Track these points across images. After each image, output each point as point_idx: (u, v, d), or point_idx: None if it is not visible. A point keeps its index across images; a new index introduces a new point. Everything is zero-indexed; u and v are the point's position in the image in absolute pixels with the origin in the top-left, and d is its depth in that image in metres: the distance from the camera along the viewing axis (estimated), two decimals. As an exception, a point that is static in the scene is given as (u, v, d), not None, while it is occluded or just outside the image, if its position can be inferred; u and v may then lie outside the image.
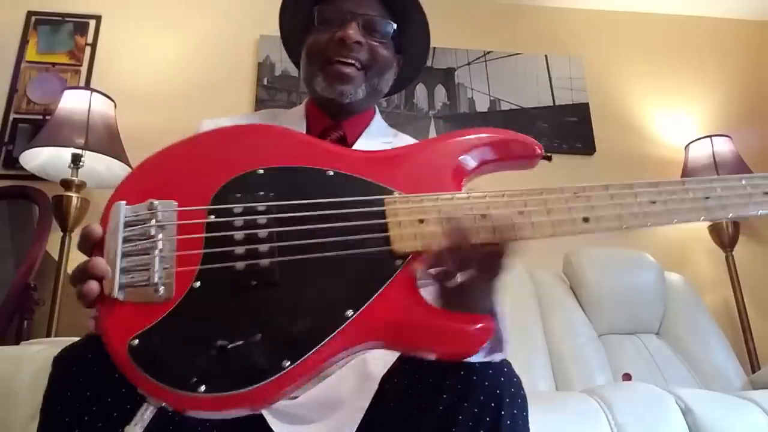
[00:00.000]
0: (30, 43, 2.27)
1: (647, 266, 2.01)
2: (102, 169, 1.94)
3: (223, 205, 0.60)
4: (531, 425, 0.67)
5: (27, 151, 1.85)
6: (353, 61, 0.89)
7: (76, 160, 1.83)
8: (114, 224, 0.57)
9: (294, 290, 0.57)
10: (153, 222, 0.57)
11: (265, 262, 0.57)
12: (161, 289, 0.54)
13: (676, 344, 1.91)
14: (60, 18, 2.32)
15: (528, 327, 1.84)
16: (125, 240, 0.56)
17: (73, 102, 1.88)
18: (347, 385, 0.79)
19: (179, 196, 0.60)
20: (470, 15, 2.64)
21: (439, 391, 0.64)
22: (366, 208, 0.61)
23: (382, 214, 0.61)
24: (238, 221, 0.59)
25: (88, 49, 2.29)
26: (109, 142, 1.88)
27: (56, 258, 1.86)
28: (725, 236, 2.25)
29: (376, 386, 0.76)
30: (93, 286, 0.55)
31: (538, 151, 0.69)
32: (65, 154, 1.84)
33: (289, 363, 0.52)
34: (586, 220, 0.63)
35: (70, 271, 1.79)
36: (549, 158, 0.69)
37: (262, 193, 0.61)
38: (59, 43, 2.28)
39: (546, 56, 2.61)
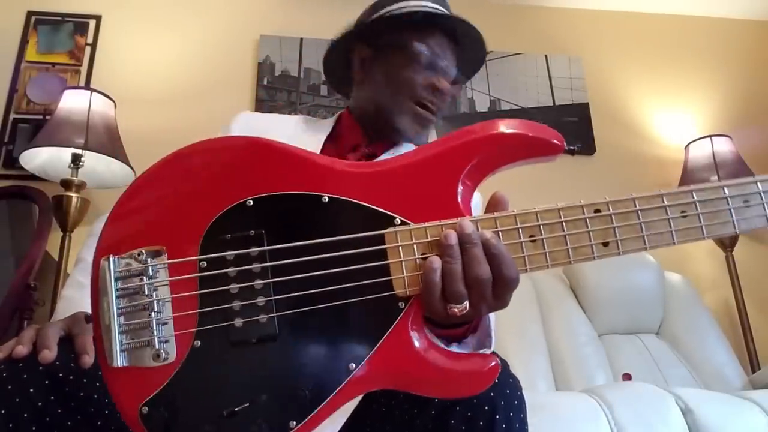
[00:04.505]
0: (30, 43, 2.27)
1: (647, 266, 2.01)
2: (102, 169, 1.93)
3: (214, 248, 0.56)
4: (530, 425, 0.66)
5: (27, 151, 1.85)
6: (436, 109, 0.94)
7: (76, 160, 1.83)
8: (104, 284, 0.55)
9: (295, 345, 0.55)
10: (145, 280, 0.55)
11: (263, 317, 0.55)
12: (162, 352, 0.54)
13: (676, 344, 1.91)
14: (60, 18, 2.32)
15: (528, 327, 1.83)
16: (118, 297, 0.54)
17: (73, 102, 1.88)
18: None
19: (167, 239, 0.56)
20: (470, 15, 2.63)
21: None
22: (365, 247, 0.56)
23: (383, 254, 0.56)
24: (232, 272, 0.56)
25: (88, 49, 2.29)
26: (109, 142, 1.88)
27: (56, 258, 1.86)
28: (725, 236, 2.24)
29: None
30: (22, 351, 0.62)
31: (558, 144, 0.59)
32: (65, 154, 1.84)
33: (295, 423, 0.53)
34: (605, 245, 0.57)
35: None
36: (572, 152, 0.64)
37: (253, 232, 0.57)
38: (59, 43, 2.28)
39: (546, 56, 2.61)
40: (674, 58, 2.72)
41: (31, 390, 0.60)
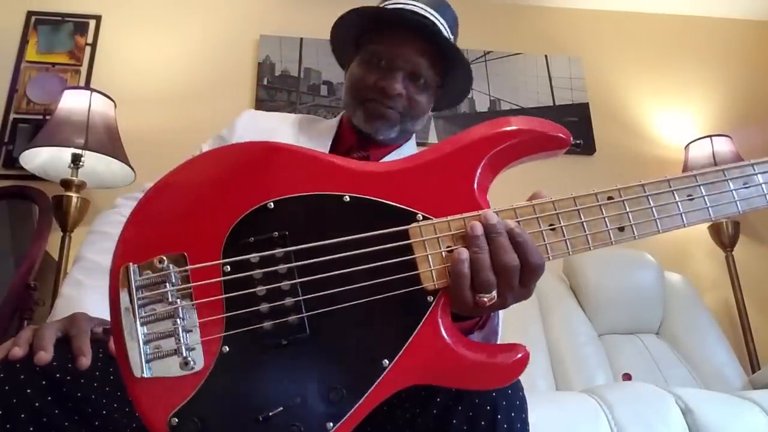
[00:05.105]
0: (30, 43, 2.27)
1: (647, 266, 2.01)
2: (102, 169, 1.94)
3: (236, 252, 0.55)
4: (531, 425, 0.66)
5: (27, 151, 1.85)
6: (391, 107, 0.92)
7: (76, 160, 1.83)
8: (125, 294, 0.53)
9: (326, 344, 0.55)
10: (167, 287, 0.53)
11: (292, 318, 0.54)
12: (190, 360, 0.52)
13: (676, 344, 1.91)
14: (60, 18, 2.32)
15: (528, 327, 1.84)
16: (140, 306, 0.53)
17: (73, 102, 1.88)
18: None
19: (188, 245, 0.55)
20: (470, 15, 2.64)
21: (433, 393, 0.64)
22: (391, 243, 0.56)
23: (408, 249, 0.57)
24: (257, 274, 0.55)
25: (88, 49, 2.29)
26: (109, 142, 1.88)
27: (56, 258, 1.86)
28: (725, 236, 2.25)
29: None
30: (18, 353, 0.61)
31: (565, 138, 0.61)
32: (65, 154, 1.84)
33: (332, 424, 0.52)
34: (621, 229, 0.59)
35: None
36: (579, 145, 0.63)
37: (276, 233, 0.56)
38: (59, 43, 2.28)
39: (546, 56, 2.61)
40: (674, 58, 2.72)
41: (29, 391, 0.60)
